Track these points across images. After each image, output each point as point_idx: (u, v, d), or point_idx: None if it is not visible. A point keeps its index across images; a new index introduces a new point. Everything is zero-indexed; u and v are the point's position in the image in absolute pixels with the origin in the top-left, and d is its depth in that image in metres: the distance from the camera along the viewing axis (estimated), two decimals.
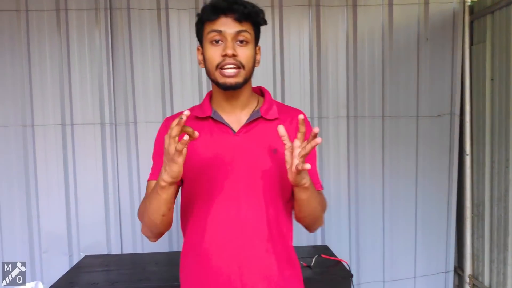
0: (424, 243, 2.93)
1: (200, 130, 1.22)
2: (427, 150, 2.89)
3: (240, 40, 1.23)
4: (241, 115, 1.32)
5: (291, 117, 1.35)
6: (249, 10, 1.23)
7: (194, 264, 1.30)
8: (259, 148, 1.28)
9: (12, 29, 2.69)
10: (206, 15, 1.24)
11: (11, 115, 2.71)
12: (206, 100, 1.36)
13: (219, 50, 1.22)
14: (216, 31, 1.22)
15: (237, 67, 1.22)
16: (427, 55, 2.84)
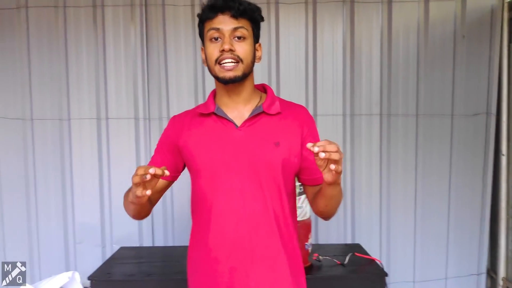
0: (456, 243, 2.87)
1: (204, 125, 1.35)
2: (461, 149, 2.83)
3: (238, 36, 1.28)
4: (244, 110, 1.36)
5: (294, 112, 1.39)
6: (245, 7, 1.29)
7: (201, 256, 1.34)
8: (262, 142, 1.32)
9: (50, 25, 2.74)
10: (205, 14, 1.31)
11: (48, 109, 2.78)
12: (210, 97, 1.41)
13: (217, 47, 1.28)
14: (214, 29, 1.28)
15: (235, 61, 1.27)
16: (463, 52, 2.78)
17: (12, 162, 2.80)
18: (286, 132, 1.34)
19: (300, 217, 2.01)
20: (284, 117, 1.36)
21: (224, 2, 1.28)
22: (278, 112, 1.36)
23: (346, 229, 2.81)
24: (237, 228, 1.29)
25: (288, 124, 1.35)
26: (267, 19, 2.76)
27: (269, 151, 1.31)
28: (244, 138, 1.32)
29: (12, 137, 2.79)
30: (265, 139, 1.32)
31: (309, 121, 1.40)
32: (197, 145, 1.34)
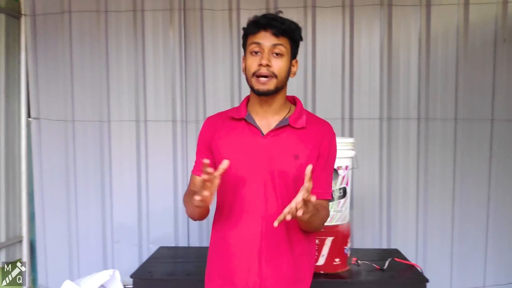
0: (495, 251, 2.80)
1: (234, 129, 1.46)
2: (501, 155, 2.76)
3: (276, 52, 1.37)
4: (272, 120, 1.45)
5: (319, 128, 1.48)
6: (286, 26, 1.38)
7: (222, 255, 1.45)
8: (283, 152, 1.41)
9: (92, 29, 2.82)
10: (249, 29, 1.41)
11: (89, 111, 2.85)
12: (243, 103, 1.51)
13: (256, 60, 1.37)
14: (255, 43, 1.38)
15: (270, 76, 1.37)
16: (504, 56, 2.72)
17: (54, 162, 2.89)
18: (306, 146, 1.43)
19: (340, 221, 2.00)
20: (307, 132, 1.45)
21: (267, 20, 1.38)
22: (303, 126, 1.45)
23: (382, 234, 2.78)
24: (251, 227, 1.40)
25: (311, 139, 1.44)
26: (304, 22, 2.77)
27: (287, 162, 1.41)
28: (267, 147, 1.41)
29: (54, 138, 2.88)
30: (286, 150, 1.42)
31: (330, 137, 1.48)
32: (225, 147, 1.44)
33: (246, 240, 1.41)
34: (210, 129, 1.52)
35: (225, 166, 1.23)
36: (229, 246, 1.43)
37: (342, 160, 1.96)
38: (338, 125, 2.79)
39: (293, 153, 1.42)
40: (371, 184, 2.79)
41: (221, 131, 1.49)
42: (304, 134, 1.45)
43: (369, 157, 2.77)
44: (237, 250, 1.42)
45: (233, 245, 1.43)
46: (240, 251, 1.42)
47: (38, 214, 2.92)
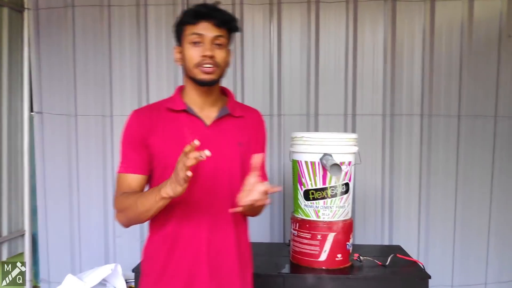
0: (497, 248, 2.77)
1: (174, 121, 1.43)
2: (504, 152, 2.73)
3: (217, 43, 1.38)
4: (211, 111, 1.46)
5: (252, 116, 1.57)
6: (227, 18, 1.40)
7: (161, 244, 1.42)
8: (227, 140, 1.45)
9: (95, 23, 2.80)
10: (187, 18, 1.39)
11: (91, 105, 2.83)
12: (177, 95, 1.49)
13: (198, 51, 1.36)
14: (197, 34, 1.36)
15: (214, 66, 1.37)
16: (508, 52, 2.69)
17: (56, 157, 2.87)
18: (246, 133, 1.50)
19: (342, 217, 1.98)
20: (245, 120, 1.51)
21: (208, 11, 1.37)
22: (241, 115, 1.50)
23: (384, 231, 2.76)
24: (200, 216, 1.40)
25: (249, 126, 1.52)
26: (308, 17, 2.74)
27: (233, 150, 1.45)
28: (212, 136, 1.42)
29: (57, 132, 2.86)
30: (230, 138, 1.46)
31: (262, 124, 1.59)
32: (167, 141, 1.41)
33: (194, 231, 1.41)
34: (144, 123, 1.44)
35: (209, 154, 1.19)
36: (176, 239, 1.41)
37: (345, 156, 1.95)
38: (341, 121, 2.77)
39: (236, 140, 1.46)
40: (373, 180, 2.77)
41: (159, 124, 1.44)
42: (242, 122, 1.50)
43: (372, 153, 2.75)
44: (185, 243, 1.41)
45: (180, 237, 1.41)
46: (188, 243, 1.41)
47: (40, 208, 2.92)
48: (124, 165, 1.44)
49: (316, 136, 1.93)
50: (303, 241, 1.96)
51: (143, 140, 1.42)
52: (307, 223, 1.95)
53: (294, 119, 2.77)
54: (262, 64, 2.78)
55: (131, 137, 1.44)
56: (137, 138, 1.43)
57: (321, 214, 1.95)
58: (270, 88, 2.77)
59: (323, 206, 1.94)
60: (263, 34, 2.77)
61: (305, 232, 1.95)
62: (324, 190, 1.93)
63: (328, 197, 1.93)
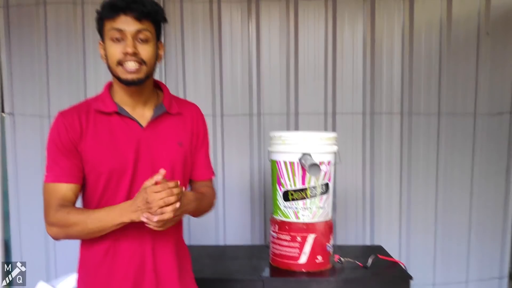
0: (478, 246, 2.76)
1: (105, 124, 1.30)
2: (484, 149, 2.72)
3: (141, 38, 1.24)
4: (145, 110, 1.34)
5: (191, 111, 1.44)
6: (149, 9, 1.24)
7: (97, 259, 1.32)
8: (166, 141, 1.34)
9: (68, 21, 2.67)
10: (105, 12, 1.25)
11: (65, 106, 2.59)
12: (106, 94, 1.35)
13: (120, 48, 1.23)
14: (116, 29, 1.23)
15: (138, 64, 1.24)
16: (487, 50, 2.67)
17: (30, 159, 2.75)
18: (186, 131, 1.39)
19: (322, 218, 1.93)
20: (183, 117, 1.40)
21: (126, 3, 1.22)
22: (178, 112, 1.39)
23: (365, 230, 2.72)
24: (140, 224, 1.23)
25: (188, 123, 1.40)
26: (286, 15, 2.68)
27: (173, 151, 1.34)
28: (150, 138, 1.32)
29: (30, 134, 2.74)
30: (169, 139, 1.34)
31: (201, 117, 1.47)
32: (100, 146, 1.28)
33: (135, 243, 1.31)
34: (72, 126, 1.29)
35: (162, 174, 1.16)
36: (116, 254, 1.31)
37: (324, 155, 1.89)
38: (321, 120, 2.72)
39: (176, 140, 1.36)
40: (354, 180, 2.73)
41: (89, 128, 1.30)
42: (181, 119, 1.39)
43: (352, 152, 2.71)
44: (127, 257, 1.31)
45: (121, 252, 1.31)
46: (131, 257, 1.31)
47: (13, 213, 2.79)
48: (54, 173, 1.30)
49: (294, 135, 1.87)
50: (283, 243, 1.90)
51: (73, 145, 1.29)
52: (286, 225, 1.89)
53: (274, 119, 2.71)
54: (240, 63, 2.71)
55: (59, 143, 1.29)
56: (66, 144, 1.29)
57: (300, 215, 1.89)
58: (249, 87, 2.71)
59: (303, 207, 1.89)
60: (241, 32, 2.70)
61: (284, 233, 1.89)
62: (304, 191, 1.88)
63: (307, 197, 1.88)
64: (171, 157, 1.34)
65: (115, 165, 1.27)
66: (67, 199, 1.28)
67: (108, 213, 1.21)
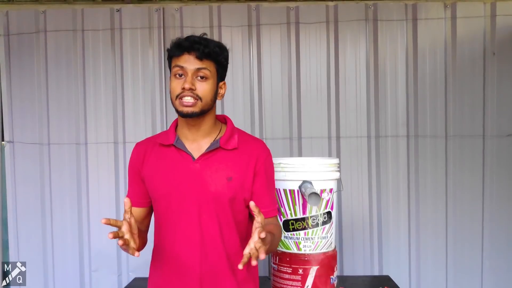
0: (492, 275, 2.61)
1: (163, 156, 1.41)
2: (494, 172, 2.60)
3: (200, 76, 1.34)
4: (202, 143, 1.41)
5: (251, 147, 1.44)
6: (209, 50, 1.34)
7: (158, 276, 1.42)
8: (215, 175, 1.37)
9: (68, 48, 2.66)
10: (172, 51, 1.37)
11: (65, 133, 2.68)
12: (171, 128, 1.46)
13: (180, 83, 1.33)
14: (179, 66, 1.34)
15: (194, 99, 1.32)
16: (494, 70, 2.58)
17: (29, 188, 2.70)
18: (240, 167, 1.40)
19: (325, 248, 1.82)
20: (240, 152, 1.41)
21: (190, 43, 1.34)
22: (235, 147, 1.41)
23: (373, 260, 2.59)
24: (188, 254, 1.36)
25: (244, 159, 1.41)
26: (288, 39, 2.63)
27: (221, 185, 1.36)
28: (199, 171, 1.37)
29: (29, 162, 2.69)
30: (219, 173, 1.37)
31: (265, 154, 1.45)
32: (155, 176, 1.40)
33: (185, 270, 1.37)
34: (139, 156, 1.46)
35: (128, 206, 1.18)
36: (169, 279, 1.39)
37: (326, 183, 1.80)
38: (324, 144, 2.63)
39: (226, 175, 1.38)
40: (360, 206, 2.62)
41: (150, 158, 1.43)
42: (236, 155, 1.41)
43: (357, 177, 2.61)
44: (177, 281, 1.38)
45: (172, 277, 1.39)
46: (180, 282, 1.37)
47: (11, 242, 2.71)
48: (127, 195, 1.46)
49: (295, 162, 1.78)
50: (284, 276, 1.79)
51: (138, 173, 1.44)
52: (287, 256, 1.79)
53: (276, 143, 2.63)
54: (242, 87, 2.65)
55: (130, 169, 1.47)
56: (134, 171, 1.45)
57: (302, 246, 1.79)
58: (251, 111, 2.64)
59: (304, 237, 1.78)
60: (243, 56, 2.65)
61: (285, 266, 1.78)
62: (305, 220, 1.78)
63: (309, 227, 1.78)
64: (218, 191, 1.37)
65: (163, 192, 1.37)
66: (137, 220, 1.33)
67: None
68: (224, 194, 1.37)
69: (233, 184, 1.38)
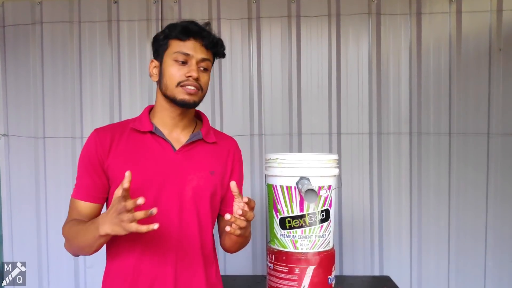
0: (495, 273, 2.52)
1: (137, 143, 1.29)
2: (499, 171, 2.50)
3: (203, 66, 1.28)
4: (181, 134, 1.34)
5: (227, 144, 1.42)
6: (216, 40, 1.30)
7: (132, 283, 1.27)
8: (197, 168, 1.30)
9: (65, 40, 2.60)
10: (174, 33, 1.27)
11: (61, 127, 2.61)
12: (145, 114, 1.35)
13: (183, 70, 1.25)
14: (183, 53, 1.25)
15: (197, 89, 1.26)
16: (499, 66, 2.48)
17: (23, 182, 2.64)
18: (220, 162, 1.36)
19: (322, 247, 1.74)
20: (219, 147, 1.37)
21: (199, 29, 1.27)
22: (214, 141, 1.37)
23: (374, 259, 2.50)
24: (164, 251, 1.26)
25: (223, 154, 1.38)
26: (288, 32, 2.55)
27: (203, 179, 1.30)
28: (181, 163, 1.29)
29: (24, 156, 2.63)
30: (201, 166, 1.31)
31: (239, 153, 1.44)
32: (127, 163, 1.25)
33: (158, 269, 1.27)
34: (103, 143, 1.29)
35: (129, 178, 1.05)
36: (141, 272, 1.27)
37: (324, 179, 1.72)
38: (325, 141, 2.55)
39: (208, 169, 1.32)
40: (361, 204, 2.54)
41: (119, 146, 1.29)
42: (216, 149, 1.37)
43: (358, 174, 2.53)
44: (150, 274, 1.27)
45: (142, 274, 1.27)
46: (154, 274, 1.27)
47: (6, 237, 2.66)
48: (76, 190, 1.30)
49: (292, 158, 1.70)
50: (280, 275, 1.71)
51: (100, 163, 1.28)
52: (283, 255, 1.71)
53: (276, 139, 2.56)
54: (241, 82, 2.57)
55: (87, 160, 1.29)
56: (93, 161, 1.28)
57: (299, 244, 1.71)
58: (250, 106, 2.57)
59: (301, 235, 1.70)
60: (242, 50, 2.57)
61: (281, 265, 1.70)
62: (302, 218, 1.70)
63: (306, 225, 1.70)
64: (199, 184, 1.30)
65: (138, 184, 1.21)
66: (82, 216, 1.27)
67: (90, 225, 1.16)
68: (206, 188, 1.31)
69: (215, 179, 1.33)
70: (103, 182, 1.29)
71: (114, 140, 1.30)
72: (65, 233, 1.29)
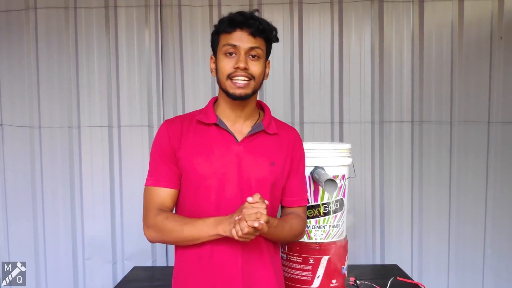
0: (494, 260, 2.50)
1: (203, 135, 1.30)
2: (499, 159, 2.47)
3: (253, 55, 1.24)
4: (244, 126, 1.33)
5: (288, 134, 1.39)
6: (264, 26, 1.25)
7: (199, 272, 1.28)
8: (259, 159, 1.29)
9: (60, 27, 2.46)
10: (223, 27, 1.26)
11: (57, 116, 2.48)
12: (210, 106, 1.36)
13: (231, 62, 1.23)
14: (230, 45, 1.23)
15: (248, 79, 1.24)
16: (500, 55, 2.44)
17: (19, 172, 2.50)
18: (280, 153, 1.33)
19: (336, 237, 1.67)
20: (280, 138, 1.35)
21: (244, 18, 1.24)
22: (276, 132, 1.34)
23: (375, 248, 2.47)
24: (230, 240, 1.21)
25: (284, 145, 1.35)
26: (290, 19, 2.46)
27: (265, 169, 1.29)
28: (243, 153, 1.29)
29: (19, 146, 2.49)
30: (263, 157, 1.30)
31: (299, 142, 1.40)
32: (195, 156, 1.28)
33: (227, 254, 1.26)
34: (175, 133, 1.30)
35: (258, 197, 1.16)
36: (209, 262, 1.27)
37: (338, 169, 1.65)
38: (327, 129, 2.48)
39: (269, 159, 1.30)
40: (363, 193, 2.48)
41: (188, 136, 1.30)
42: (277, 140, 1.35)
43: (360, 163, 2.47)
44: (218, 265, 1.26)
45: (213, 260, 1.26)
46: (222, 265, 1.26)
47: (1, 228, 2.52)
48: (155, 178, 1.30)
49: (306, 147, 1.63)
50: (294, 265, 1.64)
51: (173, 152, 1.30)
52: (297, 246, 1.64)
53: None
54: None
55: (161, 149, 1.31)
56: (167, 150, 1.30)
57: (313, 234, 1.64)
58: None
59: (315, 225, 1.64)
60: None
61: (295, 255, 1.64)
62: (316, 208, 1.63)
63: (320, 215, 1.63)
64: (260, 175, 1.29)
65: (204, 173, 1.26)
66: (165, 204, 1.29)
67: (205, 223, 1.21)
68: (267, 179, 1.29)
69: (275, 169, 1.31)
70: (176, 171, 1.30)
71: (183, 131, 1.31)
72: (157, 225, 1.27)
